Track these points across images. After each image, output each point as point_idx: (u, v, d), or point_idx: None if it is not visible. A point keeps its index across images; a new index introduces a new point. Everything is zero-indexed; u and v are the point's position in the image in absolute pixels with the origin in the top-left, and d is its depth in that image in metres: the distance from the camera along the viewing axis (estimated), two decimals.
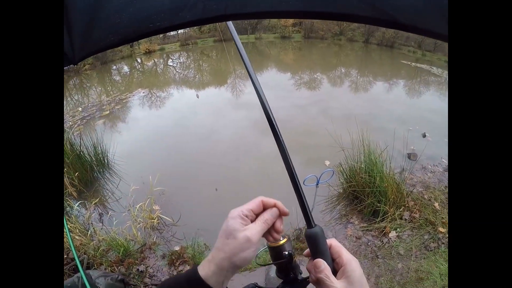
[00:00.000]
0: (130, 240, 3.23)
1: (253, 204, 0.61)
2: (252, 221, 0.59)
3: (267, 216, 0.60)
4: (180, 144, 5.35)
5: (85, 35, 0.67)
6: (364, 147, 3.61)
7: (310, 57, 11.37)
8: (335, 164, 3.86)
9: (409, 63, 12.38)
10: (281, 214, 0.63)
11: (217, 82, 9.62)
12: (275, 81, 9.03)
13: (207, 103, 7.73)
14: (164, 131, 6.11)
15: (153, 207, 3.53)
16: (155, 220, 3.44)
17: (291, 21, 22.31)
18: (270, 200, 0.62)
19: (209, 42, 22.79)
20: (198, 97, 8.35)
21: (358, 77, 9.52)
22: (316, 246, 0.60)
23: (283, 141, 0.67)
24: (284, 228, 2.46)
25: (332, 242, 0.61)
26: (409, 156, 4.73)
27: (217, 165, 4.67)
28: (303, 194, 0.65)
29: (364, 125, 3.96)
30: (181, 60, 12.42)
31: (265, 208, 0.62)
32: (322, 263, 0.57)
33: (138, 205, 3.43)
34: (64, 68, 0.78)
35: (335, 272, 0.58)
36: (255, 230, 0.57)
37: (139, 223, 3.34)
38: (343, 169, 3.70)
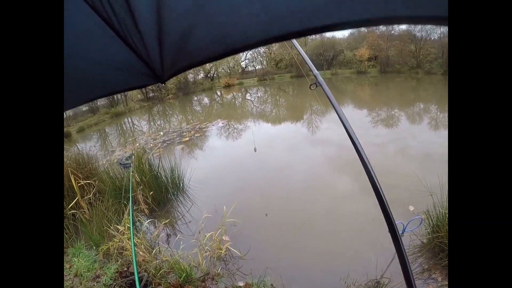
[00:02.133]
0: (193, 267, 3.18)
1: None
2: None
3: None
4: (254, 177, 5.34)
5: (175, 57, 0.80)
6: None
7: (387, 92, 10.89)
8: (419, 210, 3.44)
9: None
10: None
11: (293, 117, 9.66)
12: (352, 117, 8.71)
13: (283, 138, 7.74)
14: (239, 163, 6.20)
15: (223, 238, 3.47)
16: (223, 251, 3.36)
17: (366, 55, 22.06)
18: None
19: (286, 78, 23.41)
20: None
21: (438, 113, 8.76)
22: None
23: (379, 185, 0.72)
24: (359, 277, 2.18)
25: None
26: None
27: (290, 201, 4.50)
28: (410, 267, 0.66)
29: (445, 165, 3.49)
30: (259, 94, 12.86)
31: None
32: None
33: (209, 234, 3.38)
34: (152, 86, 0.90)
35: None
36: None
37: (206, 252, 3.30)
38: (430, 216, 3.27)
